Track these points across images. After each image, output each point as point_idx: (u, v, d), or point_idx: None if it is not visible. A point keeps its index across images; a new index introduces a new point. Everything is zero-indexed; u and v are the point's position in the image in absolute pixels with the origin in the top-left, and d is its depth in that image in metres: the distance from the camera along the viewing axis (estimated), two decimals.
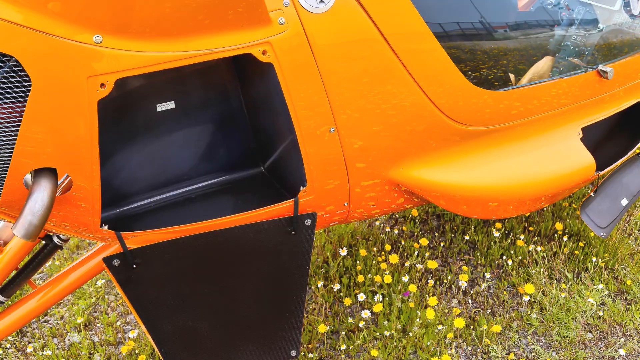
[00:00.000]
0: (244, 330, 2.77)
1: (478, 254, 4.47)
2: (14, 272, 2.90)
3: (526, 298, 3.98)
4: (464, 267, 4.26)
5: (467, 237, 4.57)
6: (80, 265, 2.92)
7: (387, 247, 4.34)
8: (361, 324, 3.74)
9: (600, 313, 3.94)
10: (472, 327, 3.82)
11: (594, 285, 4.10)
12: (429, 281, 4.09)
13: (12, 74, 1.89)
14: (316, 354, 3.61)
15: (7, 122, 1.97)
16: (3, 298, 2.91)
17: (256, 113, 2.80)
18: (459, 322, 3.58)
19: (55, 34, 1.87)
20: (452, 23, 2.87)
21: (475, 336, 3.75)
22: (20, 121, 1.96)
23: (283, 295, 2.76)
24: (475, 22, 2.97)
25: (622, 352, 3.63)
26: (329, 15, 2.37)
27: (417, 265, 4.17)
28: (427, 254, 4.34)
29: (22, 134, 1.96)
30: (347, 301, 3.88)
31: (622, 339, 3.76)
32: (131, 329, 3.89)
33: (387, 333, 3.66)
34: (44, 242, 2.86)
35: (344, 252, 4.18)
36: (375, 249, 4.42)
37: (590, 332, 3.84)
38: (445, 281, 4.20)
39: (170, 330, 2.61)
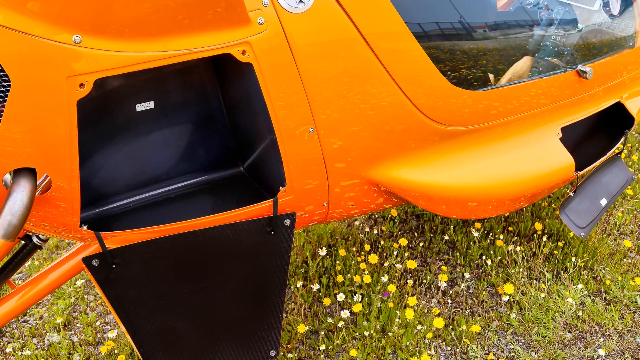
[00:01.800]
0: (223, 330, 2.77)
1: (457, 254, 4.48)
2: None
3: (505, 298, 4.00)
4: (444, 267, 4.27)
5: (446, 237, 4.58)
6: (60, 265, 2.91)
7: (367, 247, 4.34)
8: (340, 324, 3.74)
9: (580, 313, 3.95)
10: (451, 327, 3.83)
11: (574, 285, 4.11)
12: (408, 281, 4.10)
13: None
14: (295, 354, 3.61)
15: None
16: None
17: (235, 113, 2.80)
18: (439, 322, 3.59)
19: (35, 34, 1.87)
20: (431, 23, 2.88)
21: (455, 336, 3.76)
22: None
23: (262, 295, 2.76)
24: (454, 22, 2.98)
25: (601, 352, 3.64)
26: (308, 15, 2.38)
27: (396, 265, 4.17)
28: (406, 254, 4.35)
29: (1, 134, 1.96)
30: (327, 301, 3.88)
31: (602, 339, 3.78)
32: (110, 329, 3.88)
33: (366, 333, 3.67)
34: (23, 242, 2.85)
35: (323, 252, 4.18)
36: (354, 249, 4.42)
37: (570, 332, 3.85)
38: (424, 281, 4.21)
39: (150, 330, 2.61)
